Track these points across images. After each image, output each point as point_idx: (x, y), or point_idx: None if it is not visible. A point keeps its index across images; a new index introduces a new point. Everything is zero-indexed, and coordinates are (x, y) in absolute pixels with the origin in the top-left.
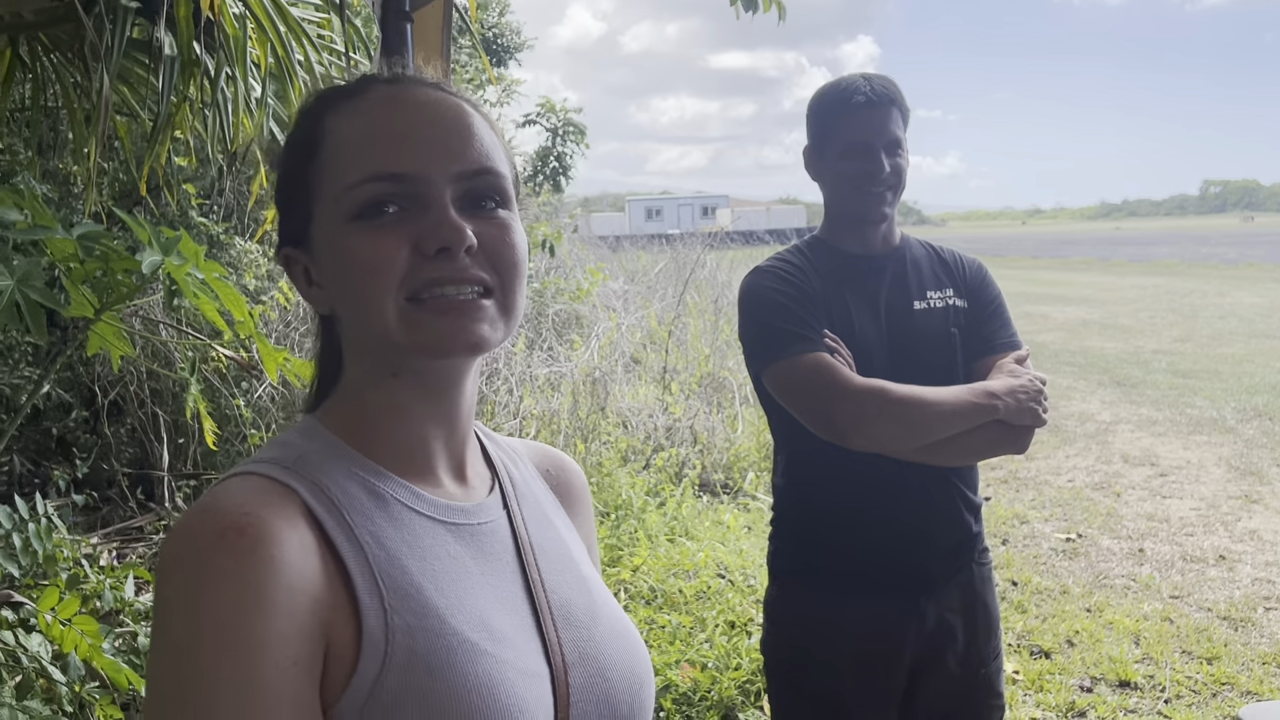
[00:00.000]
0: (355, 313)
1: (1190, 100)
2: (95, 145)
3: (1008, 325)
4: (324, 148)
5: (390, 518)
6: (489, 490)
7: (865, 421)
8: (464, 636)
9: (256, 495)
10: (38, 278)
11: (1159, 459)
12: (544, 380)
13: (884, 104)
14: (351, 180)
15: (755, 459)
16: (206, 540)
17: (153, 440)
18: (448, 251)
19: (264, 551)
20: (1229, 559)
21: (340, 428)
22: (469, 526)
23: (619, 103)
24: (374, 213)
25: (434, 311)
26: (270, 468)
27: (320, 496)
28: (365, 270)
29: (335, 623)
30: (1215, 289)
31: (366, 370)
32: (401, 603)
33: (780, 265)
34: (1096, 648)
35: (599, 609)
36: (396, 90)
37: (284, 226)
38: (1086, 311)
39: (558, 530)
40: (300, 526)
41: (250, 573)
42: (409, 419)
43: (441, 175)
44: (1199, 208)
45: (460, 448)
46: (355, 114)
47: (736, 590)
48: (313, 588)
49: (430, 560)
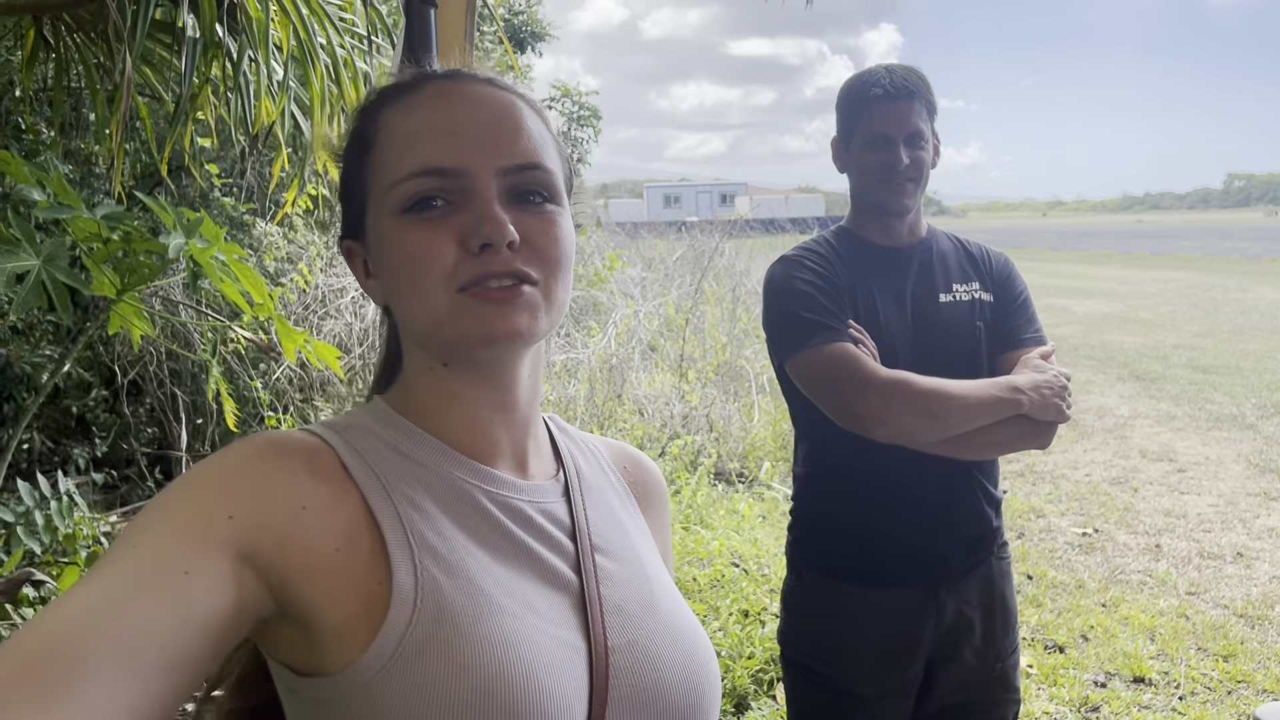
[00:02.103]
0: (407, 304)
1: (1215, 92)
2: (118, 126)
3: (1033, 320)
4: (377, 142)
5: (431, 485)
6: (551, 479)
7: (889, 413)
8: (494, 599)
9: (298, 433)
10: (63, 257)
11: (1177, 454)
12: (561, 367)
13: (904, 96)
14: (400, 175)
15: (771, 448)
16: (250, 442)
17: (171, 420)
18: (490, 247)
19: (273, 451)
20: (1246, 556)
21: (398, 403)
22: (519, 501)
23: (639, 89)
24: (422, 207)
25: (479, 300)
26: (325, 430)
27: (356, 456)
28: (415, 264)
29: (331, 543)
30: (1237, 284)
31: (420, 359)
32: (433, 560)
33: (806, 255)
34: (1111, 643)
35: (659, 605)
36: (448, 86)
37: (345, 219)
38: (1107, 305)
39: (624, 526)
40: (328, 471)
41: (244, 454)
42: (463, 403)
43: (486, 170)
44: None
45: (521, 436)
46: (408, 110)
47: (750, 579)
48: (308, 499)
49: (469, 529)
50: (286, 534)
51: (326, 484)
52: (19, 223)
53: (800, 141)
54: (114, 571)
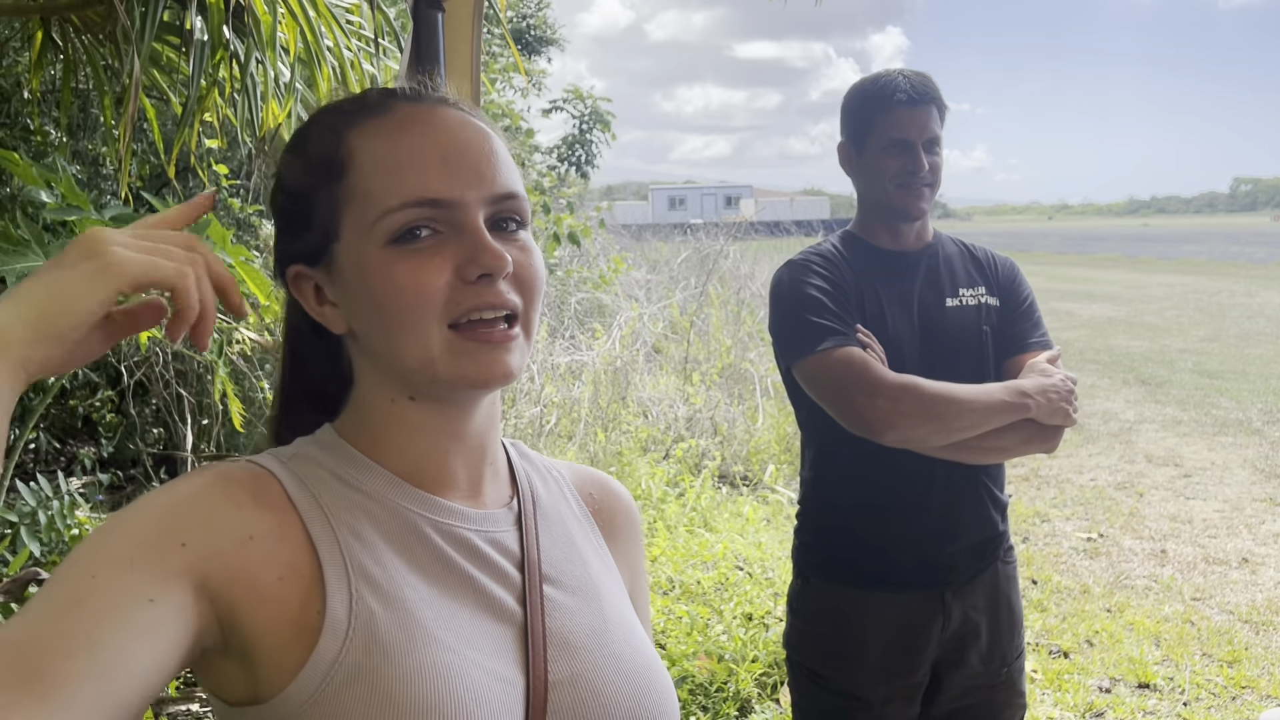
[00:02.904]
0: (392, 339)
1: (1222, 97)
2: (126, 127)
3: (1039, 324)
4: (353, 167)
5: (375, 515)
6: (504, 506)
7: (897, 417)
8: (429, 630)
9: (241, 465)
10: None
11: (1183, 459)
12: (565, 369)
13: (925, 102)
14: (390, 205)
15: (775, 451)
16: (197, 473)
17: (177, 421)
18: (489, 278)
19: (218, 482)
20: (1252, 562)
21: (348, 431)
22: (465, 531)
23: (644, 91)
24: (410, 238)
25: (473, 342)
26: (268, 459)
27: (299, 485)
28: (407, 296)
29: (274, 572)
30: (1244, 288)
31: (382, 390)
32: (369, 589)
33: (813, 258)
34: (1116, 648)
35: (610, 638)
36: (422, 110)
37: (295, 243)
38: (1112, 309)
39: (581, 555)
40: (270, 499)
41: (191, 487)
42: (421, 435)
43: (476, 200)
44: (1229, 205)
45: (477, 463)
46: (383, 134)
47: (754, 583)
48: (255, 530)
49: (411, 559)
50: (234, 564)
51: (272, 513)
52: (27, 224)
53: (805, 144)
54: (77, 600)
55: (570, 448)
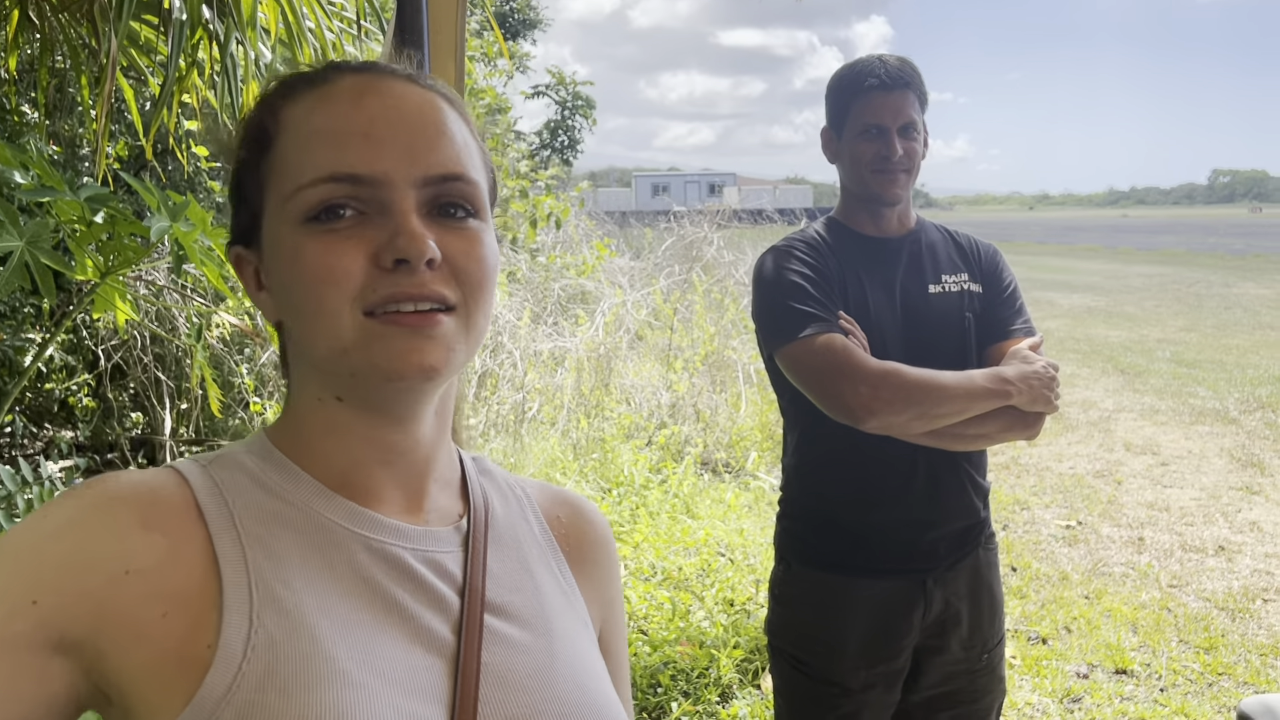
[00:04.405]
0: (306, 325)
1: (1201, 89)
2: (102, 107)
3: (1022, 311)
4: (279, 139)
5: (295, 527)
6: (451, 524)
7: (879, 404)
8: (337, 665)
9: (142, 477)
10: (47, 239)
11: (1161, 448)
12: (548, 355)
13: (899, 86)
14: (304, 179)
15: (758, 439)
16: (77, 496)
17: (155, 405)
18: (406, 264)
19: (97, 504)
20: (1228, 549)
21: (281, 440)
22: (399, 549)
23: (628, 78)
24: (329, 216)
25: (390, 326)
26: (186, 464)
27: (216, 496)
28: (318, 280)
29: (159, 608)
30: (1221, 279)
31: (311, 388)
32: (273, 617)
33: (796, 245)
34: (1094, 635)
35: (557, 677)
36: (363, 81)
37: (235, 222)
38: (1092, 299)
39: (536, 583)
40: (171, 516)
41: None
42: (354, 441)
43: (404, 179)
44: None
45: (419, 477)
46: (315, 106)
47: (736, 569)
48: (136, 562)
49: (331, 579)
50: (104, 605)
51: (162, 535)
52: (2, 204)
53: (789, 133)
54: None
55: (553, 434)
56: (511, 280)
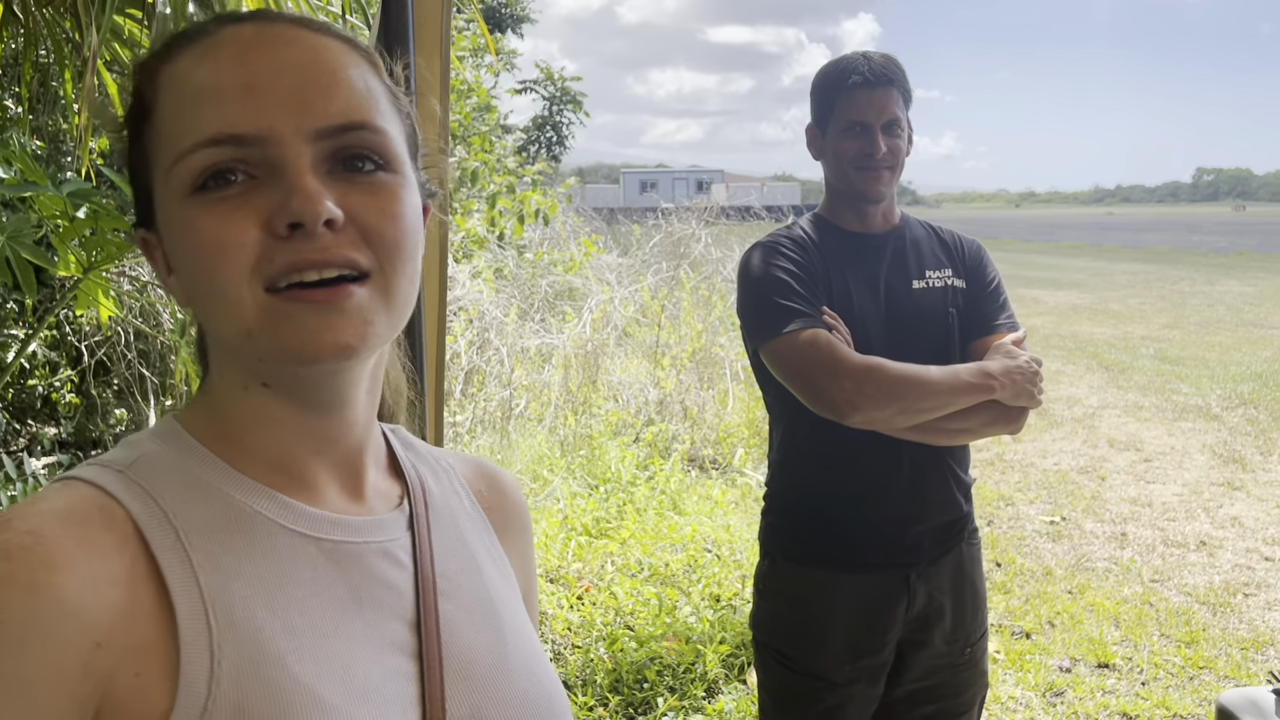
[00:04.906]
0: (208, 308)
1: (1186, 88)
2: (85, 102)
3: (1005, 307)
4: (158, 107)
5: (243, 536)
6: (394, 507)
7: (862, 399)
8: (309, 689)
9: (63, 508)
10: (28, 235)
11: (1144, 444)
12: (535, 352)
13: (883, 83)
14: (185, 145)
15: (745, 435)
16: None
17: (139, 401)
18: (302, 228)
19: (28, 580)
20: (1210, 545)
21: (200, 429)
22: (351, 546)
23: (616, 74)
24: (217, 183)
25: (295, 304)
26: (100, 473)
27: (155, 512)
28: (210, 256)
29: (131, 667)
30: (1205, 277)
31: (232, 375)
32: (235, 645)
33: (781, 241)
34: (1077, 629)
35: (512, 664)
36: (248, 30)
37: (135, 203)
38: (1077, 296)
39: (476, 561)
40: (109, 550)
41: (13, 610)
42: (281, 432)
43: (294, 133)
44: (1191, 195)
45: (356, 462)
46: (196, 64)
47: (723, 565)
48: (98, 630)
49: (289, 589)
50: (82, 693)
51: (113, 586)
52: None
53: (777, 130)
54: None
55: (540, 431)
56: (499, 277)
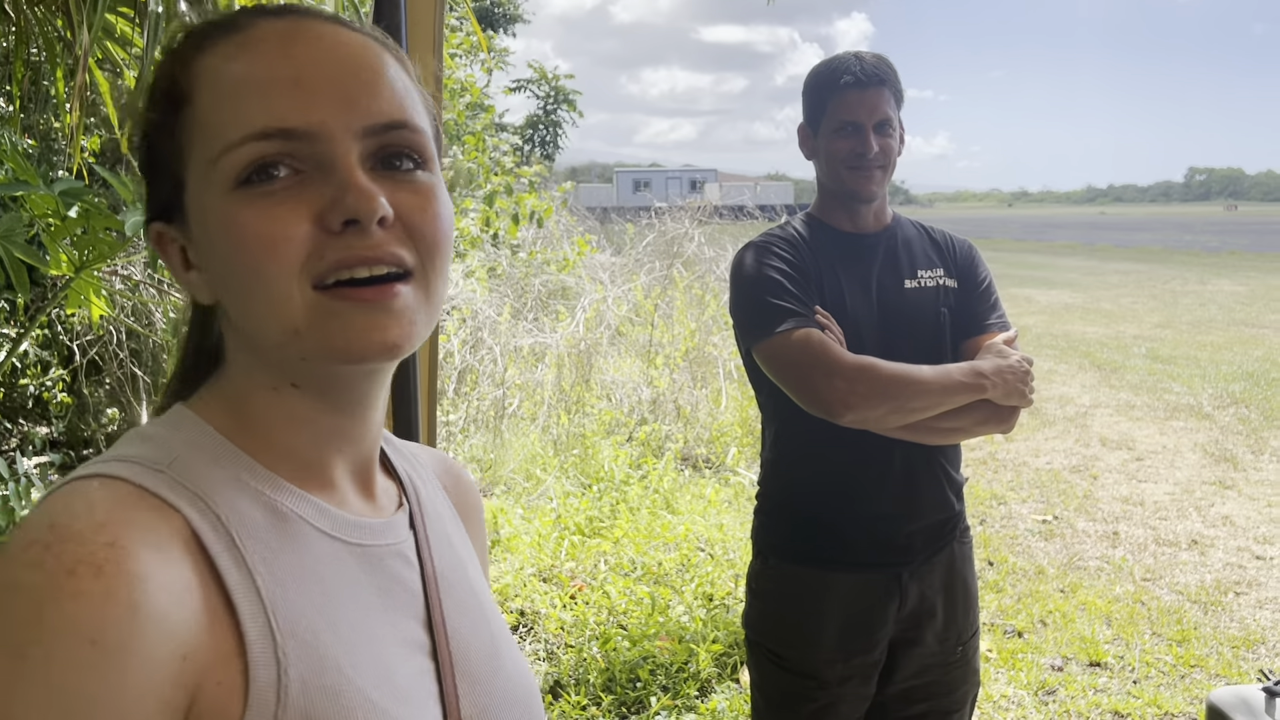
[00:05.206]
0: (248, 305)
1: (1178, 88)
2: (77, 100)
3: (997, 306)
4: (196, 96)
5: (288, 540)
6: (396, 506)
7: (855, 398)
8: (365, 695)
9: (123, 514)
10: (20, 234)
11: (1136, 443)
12: (528, 351)
13: (874, 83)
14: (232, 138)
15: (738, 434)
16: (50, 574)
17: (131, 401)
18: (357, 224)
19: (124, 598)
20: (1201, 543)
21: (223, 424)
22: (375, 549)
23: (609, 73)
24: (262, 178)
25: (344, 303)
26: (140, 472)
27: (208, 515)
28: (258, 252)
29: (214, 677)
30: (1197, 276)
31: (259, 374)
32: (298, 651)
33: (774, 241)
34: (1069, 628)
35: (500, 655)
36: (286, 25)
37: (152, 196)
38: (1069, 296)
39: (458, 554)
40: (177, 560)
41: (101, 627)
42: (310, 433)
43: (344, 130)
44: (1184, 195)
45: (368, 460)
46: (234, 56)
47: (716, 564)
48: (183, 641)
49: (332, 593)
50: (180, 709)
51: (192, 595)
52: None
53: (770, 129)
54: None
55: (533, 430)
56: (492, 276)
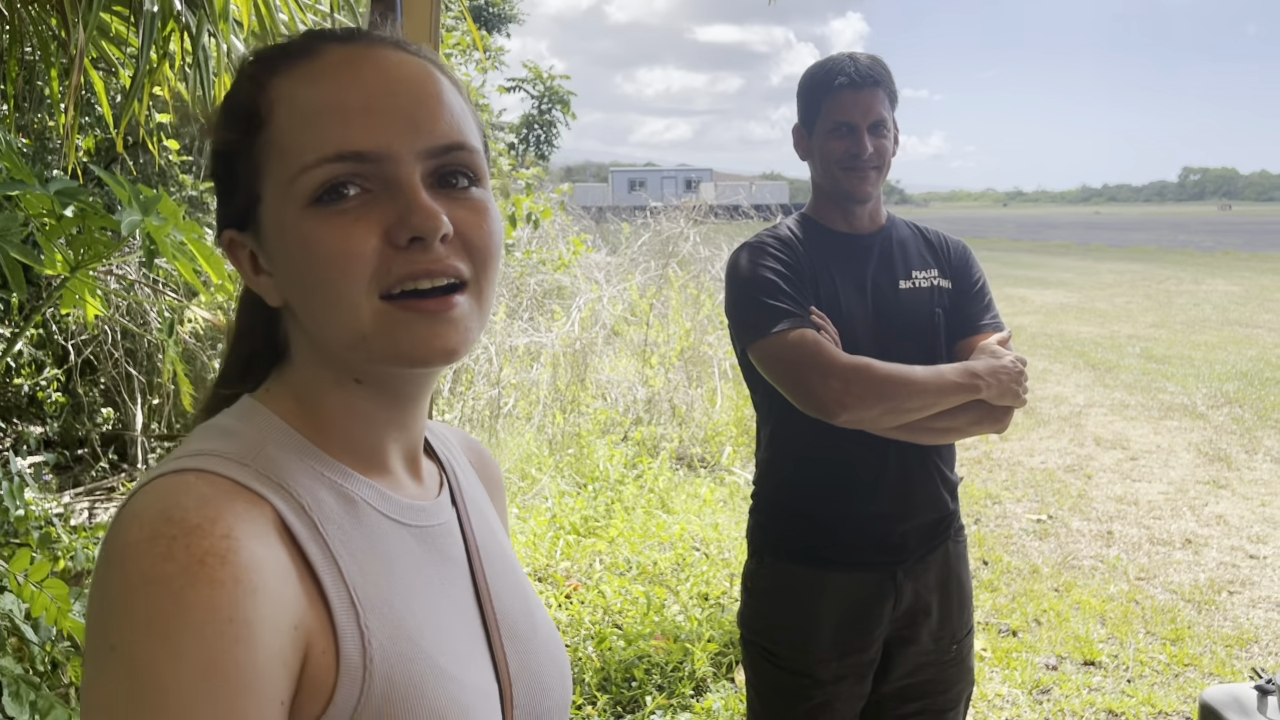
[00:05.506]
0: (319, 312)
1: (1172, 88)
2: (71, 99)
3: (990, 306)
4: (273, 119)
5: (359, 524)
6: (440, 487)
7: (850, 398)
8: (434, 661)
9: (228, 506)
10: (15, 233)
11: (1130, 443)
12: (524, 350)
13: (869, 84)
14: (307, 160)
15: (733, 434)
16: (183, 565)
17: (126, 401)
18: (421, 241)
19: (248, 581)
20: (1195, 543)
21: (291, 416)
22: (429, 529)
23: (605, 73)
24: (334, 197)
25: (409, 313)
26: (230, 466)
27: (292, 504)
28: (330, 264)
29: (314, 647)
30: (1191, 276)
31: (324, 371)
32: (377, 624)
33: (769, 241)
34: (1063, 627)
35: (535, 616)
36: (353, 52)
37: (225, 206)
38: (1064, 295)
39: (492, 527)
40: (275, 545)
41: (234, 607)
42: (371, 425)
43: (409, 152)
44: (1178, 195)
45: (416, 447)
46: (307, 80)
47: (711, 563)
48: (293, 614)
49: (399, 571)
50: (295, 669)
51: (293, 574)
52: None
53: (766, 129)
54: None
55: (528, 430)
56: None
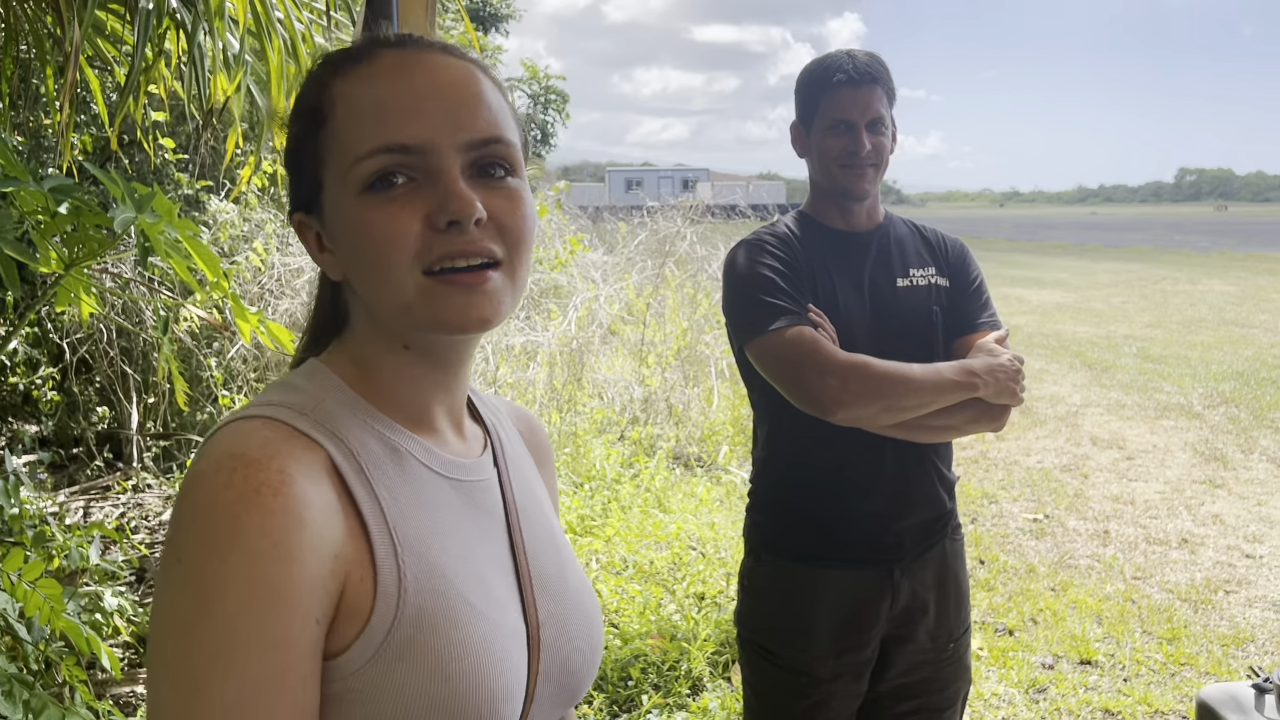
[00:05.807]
0: (371, 285)
1: (1169, 89)
2: (66, 96)
3: (988, 305)
4: (334, 115)
5: (404, 472)
6: (483, 448)
7: (847, 396)
8: (465, 597)
9: (285, 447)
10: (10, 231)
11: (1126, 442)
12: (521, 349)
13: (867, 81)
14: (361, 152)
15: (730, 433)
16: (241, 493)
17: (121, 399)
18: (458, 225)
19: (295, 511)
20: (1191, 542)
21: (350, 377)
22: (470, 483)
23: (602, 72)
24: (384, 185)
25: (448, 286)
26: (291, 414)
27: (343, 450)
28: (380, 244)
29: (352, 576)
30: (1187, 276)
31: (378, 338)
32: (413, 559)
33: (767, 239)
34: (1060, 626)
35: (567, 572)
36: (404, 56)
37: (295, 191)
38: (1060, 295)
39: (533, 490)
40: (324, 483)
41: (281, 532)
42: (419, 386)
43: (450, 145)
44: (1174, 195)
45: (459, 408)
46: (363, 81)
47: (707, 562)
48: (334, 545)
49: (438, 517)
50: (333, 592)
51: (338, 513)
52: None
53: (763, 128)
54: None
55: None
56: None
